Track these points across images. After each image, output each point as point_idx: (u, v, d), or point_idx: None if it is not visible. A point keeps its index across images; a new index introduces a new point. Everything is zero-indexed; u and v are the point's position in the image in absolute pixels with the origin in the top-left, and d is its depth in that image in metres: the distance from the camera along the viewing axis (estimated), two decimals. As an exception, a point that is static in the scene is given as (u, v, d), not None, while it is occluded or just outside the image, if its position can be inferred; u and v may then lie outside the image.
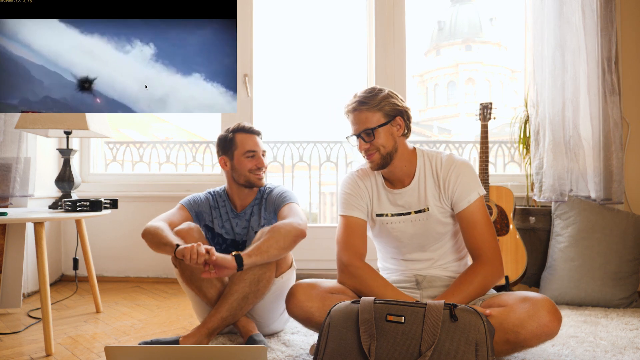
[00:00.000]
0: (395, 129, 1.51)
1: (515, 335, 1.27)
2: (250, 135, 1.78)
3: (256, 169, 1.76)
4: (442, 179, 1.53)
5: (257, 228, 1.77)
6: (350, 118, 1.52)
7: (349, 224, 1.56)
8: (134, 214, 2.80)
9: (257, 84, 2.88)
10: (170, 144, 3.34)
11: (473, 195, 1.49)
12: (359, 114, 1.49)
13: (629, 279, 2.23)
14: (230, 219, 1.82)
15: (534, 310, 1.27)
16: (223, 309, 1.57)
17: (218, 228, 1.82)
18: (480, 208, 1.50)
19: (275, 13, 3.58)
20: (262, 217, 1.80)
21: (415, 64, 30.30)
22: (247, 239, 1.80)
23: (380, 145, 1.49)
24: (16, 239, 2.17)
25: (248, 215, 1.81)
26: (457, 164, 1.53)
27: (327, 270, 2.66)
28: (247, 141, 1.76)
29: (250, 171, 1.75)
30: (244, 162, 1.75)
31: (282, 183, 3.23)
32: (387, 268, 1.70)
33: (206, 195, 1.86)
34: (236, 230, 1.82)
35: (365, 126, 1.48)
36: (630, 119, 2.58)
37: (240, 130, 1.78)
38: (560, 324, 1.28)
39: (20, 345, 1.72)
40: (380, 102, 1.48)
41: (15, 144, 2.27)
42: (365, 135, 1.48)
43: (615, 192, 2.37)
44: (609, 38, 2.40)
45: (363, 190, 1.60)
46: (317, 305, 1.41)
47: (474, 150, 3.22)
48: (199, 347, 1.27)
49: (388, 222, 1.58)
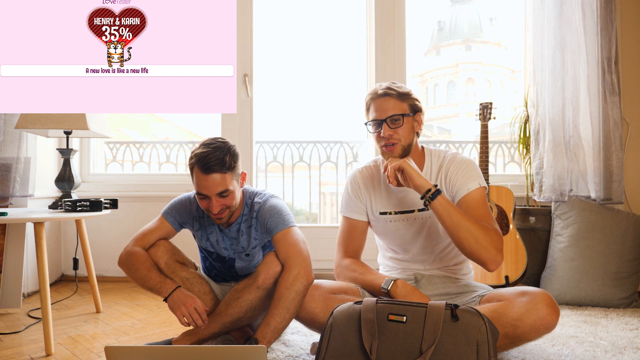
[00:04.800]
0: (417, 124, 1.53)
1: (514, 328, 1.28)
2: (205, 176, 1.43)
3: (209, 212, 1.51)
4: (444, 173, 1.54)
5: (249, 250, 1.64)
6: (377, 104, 1.51)
7: (348, 225, 1.65)
8: (134, 214, 2.79)
9: (257, 84, 2.88)
10: (170, 144, 3.34)
11: (473, 184, 1.49)
12: (387, 99, 1.49)
13: (629, 279, 2.23)
14: (216, 232, 1.64)
15: (532, 303, 1.28)
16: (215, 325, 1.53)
17: (200, 241, 1.69)
18: (480, 197, 1.49)
19: (275, 13, 3.58)
20: (252, 237, 1.62)
21: (415, 64, 30.30)
22: (237, 258, 1.67)
23: (402, 136, 1.48)
24: (16, 239, 2.17)
25: (235, 233, 1.62)
26: (460, 159, 1.55)
27: (327, 270, 2.67)
28: (200, 182, 1.45)
29: (206, 211, 1.53)
30: (199, 201, 1.52)
31: (282, 183, 3.23)
32: (387, 265, 1.70)
33: (191, 201, 1.65)
34: (221, 245, 1.65)
35: (394, 112, 1.48)
36: (630, 119, 2.57)
37: (197, 163, 1.45)
38: (558, 316, 1.30)
39: (20, 345, 1.72)
40: (407, 96, 1.51)
41: (15, 144, 2.26)
42: (391, 122, 1.48)
43: (615, 192, 2.37)
44: (609, 38, 2.40)
45: (363, 192, 1.62)
46: (321, 306, 1.43)
47: (474, 150, 3.22)
48: (199, 347, 1.26)
49: (391, 219, 1.58)
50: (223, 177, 1.45)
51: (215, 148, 1.46)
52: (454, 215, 1.37)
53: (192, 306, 1.44)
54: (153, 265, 1.55)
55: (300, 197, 3.46)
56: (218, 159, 1.43)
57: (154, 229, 1.63)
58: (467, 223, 1.37)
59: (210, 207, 1.48)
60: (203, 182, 1.45)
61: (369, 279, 1.52)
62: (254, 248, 1.65)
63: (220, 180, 1.45)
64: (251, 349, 1.11)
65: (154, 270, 1.53)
